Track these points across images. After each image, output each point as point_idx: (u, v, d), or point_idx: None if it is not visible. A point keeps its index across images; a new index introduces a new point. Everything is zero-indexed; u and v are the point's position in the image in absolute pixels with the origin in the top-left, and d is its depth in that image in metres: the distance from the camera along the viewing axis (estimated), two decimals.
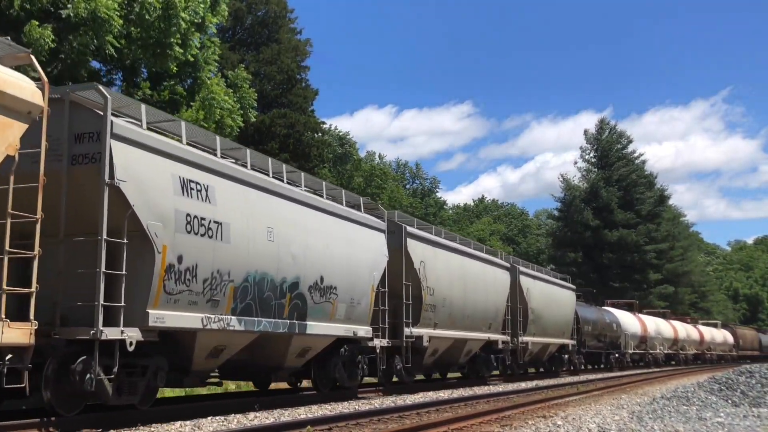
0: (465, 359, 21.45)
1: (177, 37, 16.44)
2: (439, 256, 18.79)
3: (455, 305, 19.47)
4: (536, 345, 26.14)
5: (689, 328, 54.69)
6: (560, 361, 30.25)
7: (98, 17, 14.31)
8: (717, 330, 61.95)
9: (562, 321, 29.11)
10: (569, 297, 31.24)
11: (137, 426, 9.59)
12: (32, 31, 13.43)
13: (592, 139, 67.88)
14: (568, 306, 30.68)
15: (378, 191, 54.82)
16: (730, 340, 63.61)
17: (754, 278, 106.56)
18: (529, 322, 25.14)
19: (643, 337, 42.81)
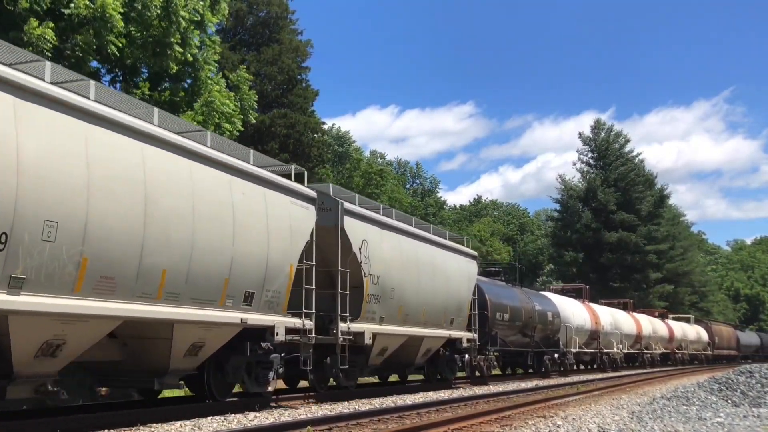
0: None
1: (177, 36, 16.42)
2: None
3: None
4: (387, 339, 16.19)
5: (656, 323, 47.13)
6: (449, 364, 20.63)
7: (102, 16, 14.31)
8: (689, 326, 55.22)
9: (448, 303, 19.24)
10: (464, 268, 20.71)
11: (137, 426, 9.60)
12: (32, 30, 13.43)
13: (588, 140, 67.86)
14: (460, 281, 20.29)
15: (377, 191, 54.79)
16: (705, 337, 56.70)
17: (755, 278, 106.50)
18: (369, 298, 15.17)
19: (595, 333, 34.31)
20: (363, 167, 55.21)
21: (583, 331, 33.04)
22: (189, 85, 18.38)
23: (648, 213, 64.24)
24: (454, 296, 19.47)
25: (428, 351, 18.78)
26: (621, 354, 38.20)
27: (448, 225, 68.37)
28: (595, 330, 34.34)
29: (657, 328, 46.02)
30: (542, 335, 28.38)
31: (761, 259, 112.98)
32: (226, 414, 11.30)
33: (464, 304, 20.29)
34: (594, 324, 34.26)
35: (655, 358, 45.07)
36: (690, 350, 52.89)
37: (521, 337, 26.66)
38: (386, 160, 71.85)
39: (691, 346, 53.07)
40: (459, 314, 19.84)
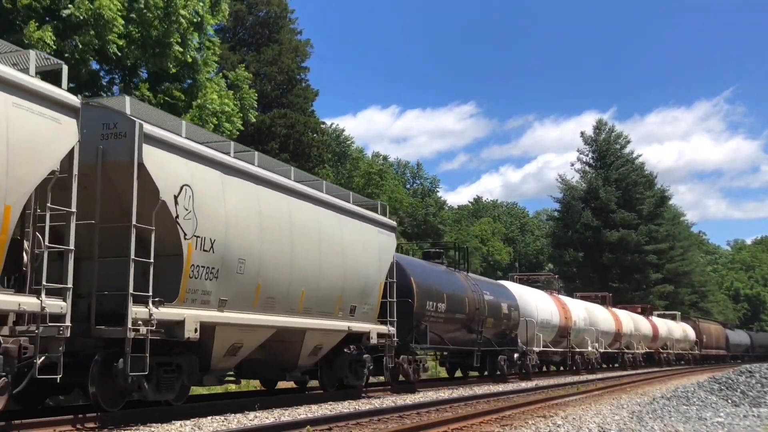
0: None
1: (176, 36, 16.42)
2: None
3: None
4: (237, 332, 11.54)
5: (639, 319, 42.84)
6: (353, 366, 15.39)
7: (101, 16, 14.32)
8: (675, 323, 51.33)
9: (348, 285, 14.38)
10: (374, 241, 15.62)
11: (137, 426, 9.60)
12: (31, 33, 13.42)
13: (589, 140, 67.91)
14: (368, 257, 15.24)
15: (377, 191, 54.79)
16: (692, 336, 52.71)
17: (755, 278, 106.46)
18: (195, 272, 10.48)
19: (564, 329, 29.60)
20: (363, 167, 55.20)
21: (550, 327, 28.32)
22: (188, 86, 18.37)
23: (648, 213, 64.27)
24: (357, 277, 14.37)
25: (318, 349, 13.80)
26: (597, 354, 33.86)
27: (448, 225, 68.38)
28: (565, 326, 29.61)
29: (639, 325, 41.96)
30: (496, 331, 23.65)
31: (762, 258, 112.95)
32: (227, 414, 11.31)
33: (374, 289, 15.18)
34: (563, 319, 29.54)
35: (637, 358, 41.05)
36: (676, 350, 49.39)
37: (466, 333, 21.74)
38: (388, 162, 71.78)
39: (677, 345, 49.63)
40: (365, 301, 14.78)
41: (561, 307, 30.36)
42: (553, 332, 28.82)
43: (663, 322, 47.94)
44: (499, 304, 24.02)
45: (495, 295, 24.05)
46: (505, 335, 24.67)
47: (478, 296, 22.34)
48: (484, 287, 23.54)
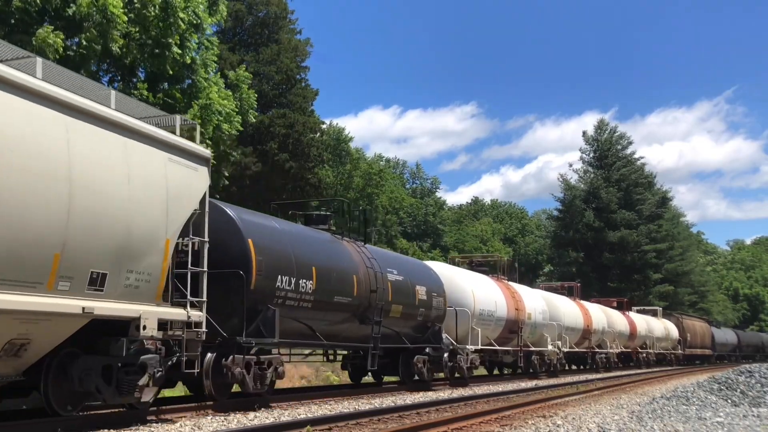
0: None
1: (176, 37, 16.42)
2: None
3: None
4: None
5: (613, 315, 37.40)
6: (119, 376, 9.24)
7: (106, 14, 14.31)
8: (656, 320, 46.40)
9: (79, 236, 8.28)
10: (157, 173, 9.77)
11: (137, 426, 9.59)
12: (46, 37, 13.39)
13: (591, 140, 67.95)
14: (139, 193, 9.31)
15: (377, 191, 54.82)
16: (675, 334, 48.05)
17: (755, 278, 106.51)
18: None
19: (514, 323, 24.03)
20: (363, 167, 55.25)
21: (494, 320, 22.45)
22: (188, 86, 18.37)
23: (649, 213, 64.31)
24: (108, 226, 8.74)
25: (18, 348, 8.02)
26: (559, 354, 28.49)
27: (448, 225, 68.41)
28: (515, 320, 24.03)
29: (614, 321, 36.88)
30: (410, 324, 17.98)
31: (762, 259, 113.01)
32: (227, 414, 11.30)
33: (153, 249, 9.52)
34: (514, 311, 23.95)
35: (611, 359, 35.75)
36: (657, 349, 44.46)
37: (358, 324, 15.58)
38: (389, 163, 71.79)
39: (657, 344, 44.64)
40: (131, 267, 9.15)
41: (510, 296, 24.42)
42: (498, 327, 22.94)
43: (642, 319, 43.27)
44: (411, 287, 17.80)
45: (407, 275, 17.78)
46: (425, 329, 18.65)
47: (377, 275, 16.10)
48: (387, 264, 17.18)
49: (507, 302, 23.83)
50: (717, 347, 58.01)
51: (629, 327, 39.46)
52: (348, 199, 52.87)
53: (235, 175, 26.68)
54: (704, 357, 56.03)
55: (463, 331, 20.75)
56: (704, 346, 54.99)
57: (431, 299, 18.80)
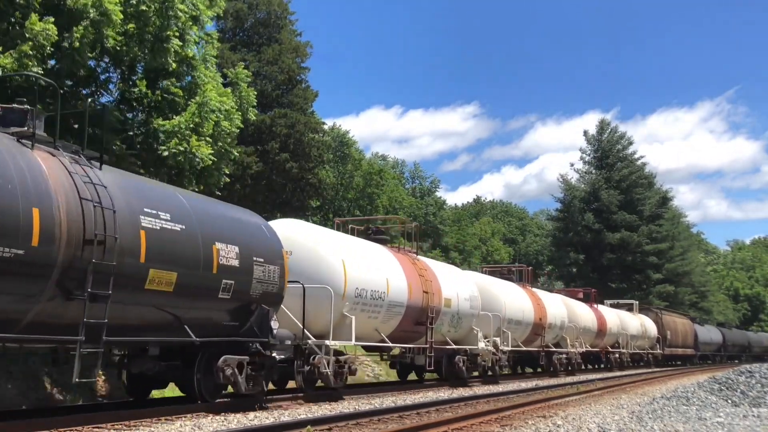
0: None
1: (175, 30, 16.31)
2: None
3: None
4: None
5: (577, 307, 31.51)
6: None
7: (100, 8, 14.28)
8: (632, 315, 41.12)
9: None
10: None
11: (137, 426, 9.59)
12: (32, 25, 13.39)
13: (592, 140, 67.90)
14: None
15: (377, 191, 54.81)
16: (653, 331, 43.19)
17: (756, 278, 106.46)
18: None
19: (422, 312, 17.96)
20: (364, 167, 55.25)
21: (385, 306, 16.28)
22: (187, 83, 18.32)
23: (650, 214, 64.27)
24: None
25: None
26: (496, 354, 22.28)
27: (447, 225, 68.35)
28: (424, 307, 17.85)
29: (577, 315, 30.81)
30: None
31: (763, 258, 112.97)
32: (227, 414, 11.30)
33: None
34: (419, 295, 17.71)
35: (574, 359, 30.05)
36: (632, 348, 39.20)
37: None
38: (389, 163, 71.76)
39: (632, 342, 39.46)
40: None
41: (414, 274, 17.95)
42: (392, 315, 16.66)
43: (614, 313, 37.60)
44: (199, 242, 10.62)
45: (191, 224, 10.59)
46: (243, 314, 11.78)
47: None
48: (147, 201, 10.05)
49: (407, 283, 17.41)
50: (700, 346, 53.37)
51: (597, 322, 33.31)
52: (348, 199, 52.96)
53: (236, 174, 26.65)
54: (686, 357, 51.64)
55: (343, 320, 14.92)
56: (686, 345, 50.18)
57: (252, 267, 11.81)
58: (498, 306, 22.87)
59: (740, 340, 67.69)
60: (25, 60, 13.42)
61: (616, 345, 37.09)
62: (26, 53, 13.48)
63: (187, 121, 16.80)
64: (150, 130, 16.99)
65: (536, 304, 26.37)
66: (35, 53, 13.58)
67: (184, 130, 16.64)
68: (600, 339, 34.30)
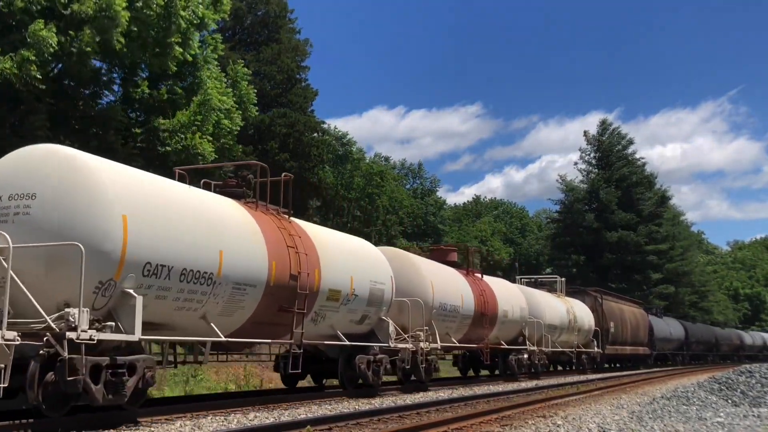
0: None
1: (177, 36, 16.40)
2: None
3: None
4: None
5: (443, 275, 19.37)
6: None
7: (107, 12, 14.29)
8: (554, 297, 29.37)
9: None
10: None
11: (137, 426, 9.59)
12: (36, 32, 13.41)
13: (593, 140, 67.91)
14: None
15: (377, 191, 54.80)
16: (588, 322, 31.50)
17: (756, 278, 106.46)
18: None
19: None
20: (364, 167, 55.22)
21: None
22: (189, 84, 18.37)
23: (649, 213, 64.27)
24: None
25: None
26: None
27: (448, 225, 68.37)
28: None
29: (424, 286, 17.70)
30: None
31: (763, 258, 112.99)
32: (227, 413, 11.29)
33: None
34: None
35: (402, 362, 16.68)
36: (550, 345, 26.83)
37: None
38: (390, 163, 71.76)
39: (552, 336, 27.14)
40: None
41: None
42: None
43: (514, 291, 24.92)
44: None
45: None
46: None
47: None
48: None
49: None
50: (657, 344, 43.31)
51: (475, 302, 20.53)
52: (349, 199, 52.91)
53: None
54: (638, 358, 41.04)
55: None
56: (637, 341, 39.32)
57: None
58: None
59: (706, 336, 57.75)
60: (27, 65, 13.45)
61: (519, 340, 24.80)
62: (28, 58, 13.49)
63: (188, 120, 16.85)
64: (152, 129, 17.04)
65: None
66: (36, 59, 13.60)
67: (185, 128, 16.71)
68: (480, 328, 21.13)
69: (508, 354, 24.42)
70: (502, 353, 24.35)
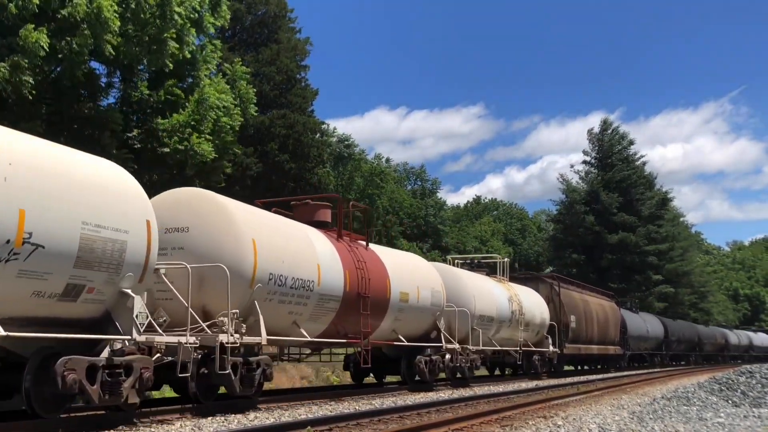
0: None
1: (172, 32, 16.31)
2: None
3: None
4: None
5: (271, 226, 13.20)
6: None
7: (98, 16, 14.24)
8: (493, 282, 23.42)
9: None
10: None
11: (137, 425, 9.58)
12: (28, 36, 13.35)
13: (595, 139, 67.92)
14: None
15: (377, 191, 54.80)
16: (539, 314, 25.59)
17: (756, 278, 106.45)
18: None
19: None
20: (365, 168, 55.22)
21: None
22: (188, 84, 18.34)
23: (649, 214, 64.26)
24: None
25: None
26: None
27: (448, 225, 68.34)
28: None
29: (281, 253, 12.73)
30: None
31: (763, 258, 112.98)
32: (227, 414, 11.28)
33: None
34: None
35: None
36: (484, 343, 20.65)
37: None
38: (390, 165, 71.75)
39: (488, 332, 21.28)
40: None
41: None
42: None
43: (425, 267, 19.26)
44: None
45: None
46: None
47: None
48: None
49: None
50: (630, 343, 37.87)
51: (348, 278, 14.80)
52: (349, 199, 52.91)
53: (236, 175, 26.64)
54: (608, 359, 35.47)
55: None
56: (607, 340, 33.48)
57: None
58: None
59: (688, 334, 52.60)
60: (19, 72, 13.38)
61: (433, 335, 18.69)
62: (19, 65, 13.43)
63: (186, 119, 16.81)
64: (150, 130, 17.01)
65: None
66: (28, 63, 13.54)
67: (184, 128, 16.67)
68: (357, 316, 15.14)
69: (415, 354, 18.00)
70: (407, 352, 18.03)
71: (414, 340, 18.12)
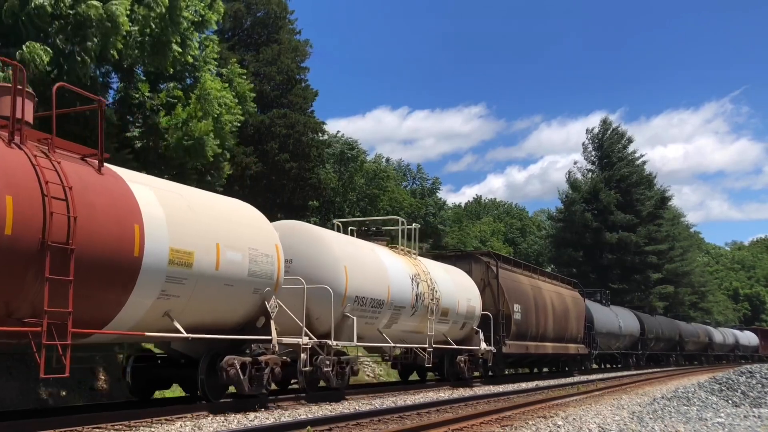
0: None
1: (176, 37, 16.31)
2: None
3: None
4: None
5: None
6: None
7: (110, 19, 14.20)
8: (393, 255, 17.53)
9: None
10: None
11: (137, 426, 9.58)
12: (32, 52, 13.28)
13: (594, 138, 67.91)
14: None
15: (379, 192, 54.78)
16: (468, 302, 20.31)
17: (756, 278, 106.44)
18: None
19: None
20: (368, 168, 55.19)
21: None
22: (189, 85, 18.32)
23: (648, 214, 64.24)
24: None
25: None
26: None
27: (448, 225, 68.33)
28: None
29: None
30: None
31: (763, 258, 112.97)
32: (227, 414, 11.29)
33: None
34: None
35: None
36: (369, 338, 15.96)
37: None
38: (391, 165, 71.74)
39: (377, 322, 15.91)
40: None
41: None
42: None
43: (239, 211, 12.61)
44: None
45: None
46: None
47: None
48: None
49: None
50: (599, 340, 32.52)
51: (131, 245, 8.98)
52: (348, 200, 52.88)
53: (236, 175, 26.63)
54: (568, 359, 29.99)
55: None
56: (567, 336, 27.83)
57: None
58: None
59: (668, 332, 46.93)
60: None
61: (260, 325, 12.31)
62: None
63: (188, 114, 16.83)
64: (151, 128, 16.98)
65: None
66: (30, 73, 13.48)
67: (186, 123, 16.68)
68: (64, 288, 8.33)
69: (220, 357, 11.55)
70: (210, 352, 11.66)
71: (223, 332, 11.53)
